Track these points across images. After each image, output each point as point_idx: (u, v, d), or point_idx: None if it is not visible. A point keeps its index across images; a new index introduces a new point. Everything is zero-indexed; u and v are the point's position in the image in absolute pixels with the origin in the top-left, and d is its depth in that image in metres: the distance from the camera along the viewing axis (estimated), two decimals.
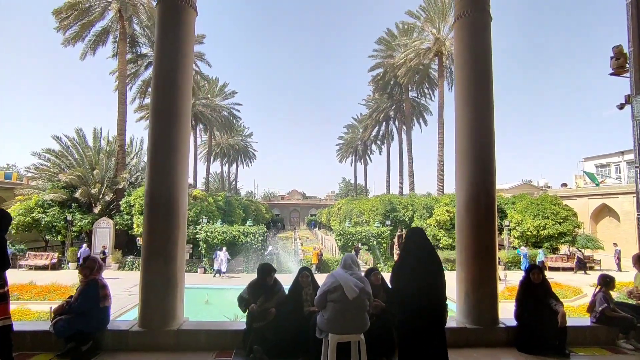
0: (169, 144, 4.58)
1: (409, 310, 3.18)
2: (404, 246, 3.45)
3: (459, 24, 5.04)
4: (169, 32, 4.69)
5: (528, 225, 23.08)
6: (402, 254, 3.48)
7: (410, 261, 3.30)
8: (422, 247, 3.30)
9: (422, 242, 3.34)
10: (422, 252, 3.29)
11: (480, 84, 4.87)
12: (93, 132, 24.41)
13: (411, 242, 3.40)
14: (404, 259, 3.42)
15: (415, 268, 3.24)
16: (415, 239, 3.39)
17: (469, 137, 4.83)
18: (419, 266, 3.23)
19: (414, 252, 3.31)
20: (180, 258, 4.67)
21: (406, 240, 3.49)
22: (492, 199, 4.74)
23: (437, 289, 3.20)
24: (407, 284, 3.25)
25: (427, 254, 3.28)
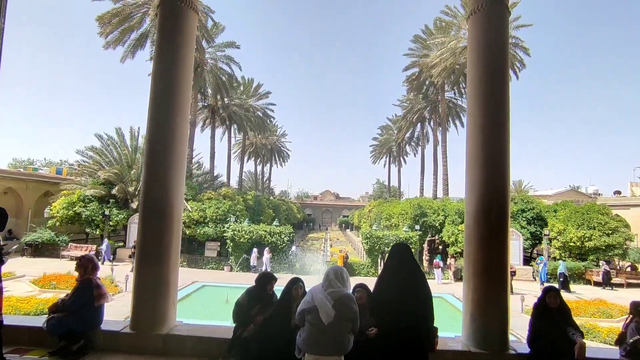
0: (166, 148, 4.55)
1: (384, 333, 2.89)
2: (385, 263, 3.16)
3: (474, 19, 4.63)
4: (168, 34, 4.67)
5: (571, 236, 21.45)
6: (382, 272, 3.19)
7: (389, 280, 3.01)
8: (403, 265, 3.00)
9: (404, 259, 3.03)
10: (402, 270, 2.98)
11: (495, 83, 4.44)
12: (130, 132, 25.58)
13: (392, 259, 3.10)
14: (382, 278, 3.12)
15: (393, 288, 2.94)
16: (397, 256, 3.08)
17: (480, 141, 4.40)
18: (397, 286, 2.93)
19: (394, 270, 3.01)
20: (174, 261, 4.62)
21: (388, 257, 3.18)
22: (504, 210, 4.28)
23: (416, 311, 2.89)
24: (384, 304, 2.96)
25: (408, 273, 2.97)
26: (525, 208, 24.92)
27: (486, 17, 4.52)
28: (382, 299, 3.18)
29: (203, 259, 22.41)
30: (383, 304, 3.13)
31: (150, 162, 4.55)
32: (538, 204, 25.69)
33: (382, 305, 3.15)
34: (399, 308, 2.98)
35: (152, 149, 4.55)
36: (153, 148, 4.55)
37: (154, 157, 4.53)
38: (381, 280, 3.18)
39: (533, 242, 24.47)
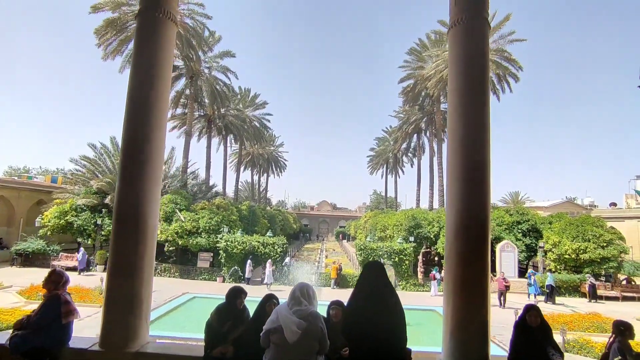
0: (141, 156, 4.46)
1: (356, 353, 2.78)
2: (358, 281, 3.05)
3: (454, 32, 4.59)
4: (146, 44, 4.61)
5: (566, 248, 21.36)
6: (354, 290, 3.08)
7: (359, 300, 2.90)
8: (374, 284, 2.90)
9: (375, 278, 2.93)
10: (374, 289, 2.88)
11: (475, 97, 4.38)
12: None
13: (364, 277, 3.00)
14: (353, 297, 3.02)
15: (363, 308, 2.83)
16: (369, 274, 2.98)
17: (460, 156, 4.33)
18: (367, 306, 2.83)
19: (365, 289, 2.91)
20: (147, 274, 4.49)
21: (360, 275, 3.09)
22: (484, 227, 4.19)
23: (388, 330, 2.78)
24: (354, 323, 2.85)
25: (378, 293, 2.87)
26: (520, 220, 24.86)
27: (466, 30, 4.49)
28: (353, 317, 3.08)
29: (195, 270, 22.17)
30: (354, 323, 3.03)
31: (125, 172, 4.46)
32: (533, 215, 25.65)
33: (353, 324, 3.05)
34: (370, 327, 2.88)
35: (127, 160, 4.47)
36: (127, 158, 4.46)
37: (128, 168, 4.45)
38: (353, 299, 3.08)
39: (528, 255, 24.35)
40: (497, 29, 27.64)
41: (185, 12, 26.80)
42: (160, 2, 4.64)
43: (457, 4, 4.59)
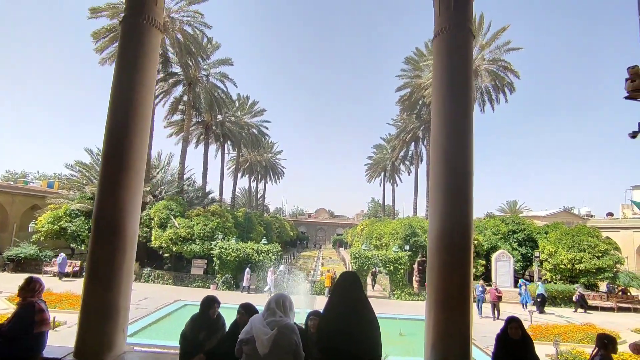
0: (122, 163, 4.43)
1: None
2: (331, 292, 3.00)
3: (438, 41, 4.61)
4: (130, 51, 4.61)
5: (562, 258, 21.28)
6: (327, 302, 3.02)
7: (333, 311, 2.85)
8: (347, 295, 2.85)
9: (349, 289, 2.88)
10: (347, 300, 2.83)
11: (458, 107, 4.38)
12: None
13: (338, 288, 2.95)
14: (327, 308, 2.96)
15: (337, 319, 2.78)
16: (343, 284, 2.93)
17: (443, 166, 4.32)
18: (341, 317, 2.77)
19: (339, 300, 2.86)
20: (125, 283, 4.43)
21: (334, 286, 3.03)
22: (467, 238, 4.15)
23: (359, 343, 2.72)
24: (326, 337, 2.79)
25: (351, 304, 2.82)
26: (516, 229, 24.82)
27: (450, 40, 4.50)
28: (326, 328, 3.02)
29: (189, 277, 22.00)
30: (327, 334, 2.96)
31: (105, 179, 4.42)
32: (529, 225, 25.61)
33: (326, 336, 2.99)
34: (343, 338, 2.82)
35: (107, 167, 4.43)
36: (108, 166, 4.43)
37: (109, 175, 4.41)
38: (326, 310, 3.02)
39: (524, 264, 24.26)
40: (495, 38, 27.89)
41: (184, 20, 26.96)
42: (144, 9, 4.65)
43: (441, 14, 4.61)
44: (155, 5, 4.74)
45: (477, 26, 27.33)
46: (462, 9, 4.52)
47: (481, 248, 22.46)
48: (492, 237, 23.43)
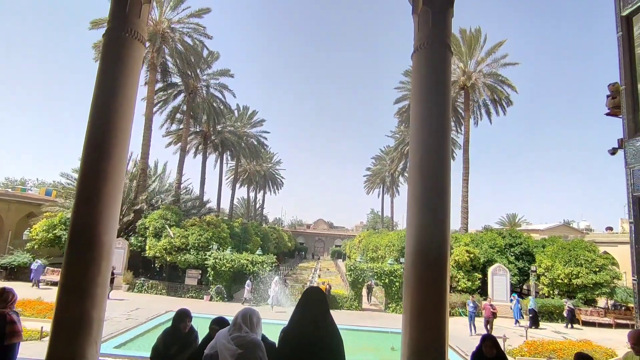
0: (100, 174, 4.42)
1: None
2: (294, 308, 2.96)
3: (417, 56, 4.65)
4: (111, 63, 4.64)
5: (559, 272, 21.08)
6: (290, 318, 2.98)
7: (293, 326, 2.82)
8: (308, 310, 2.81)
9: (310, 305, 2.85)
10: (307, 316, 2.79)
11: (436, 121, 4.39)
12: None
13: (299, 304, 2.91)
14: (288, 325, 2.92)
15: (298, 337, 2.74)
16: (305, 300, 2.90)
17: (421, 181, 4.31)
18: (300, 333, 2.74)
19: (299, 316, 2.82)
20: (100, 295, 4.38)
21: (298, 302, 2.99)
22: (443, 254, 4.12)
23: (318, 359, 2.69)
24: (287, 354, 2.75)
25: (314, 321, 2.78)
26: (513, 243, 24.67)
27: (428, 56, 4.54)
28: (287, 345, 2.98)
29: (183, 287, 21.81)
30: (288, 350, 2.93)
31: (81, 191, 4.42)
32: (526, 238, 25.46)
33: (287, 354, 2.95)
34: (301, 354, 2.78)
35: (85, 177, 4.43)
36: (85, 177, 4.43)
37: (86, 186, 4.41)
38: (288, 326, 2.98)
39: (521, 278, 24.04)
40: (491, 52, 28.17)
41: (184, 31, 27.32)
42: (127, 23, 4.71)
43: (420, 29, 4.66)
44: (138, 19, 4.80)
45: (473, 40, 27.65)
46: (441, 25, 4.58)
47: (477, 261, 22.29)
48: (488, 250, 23.28)
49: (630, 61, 4.81)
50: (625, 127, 4.79)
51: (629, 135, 4.75)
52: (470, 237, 24.50)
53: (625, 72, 4.82)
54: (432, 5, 4.59)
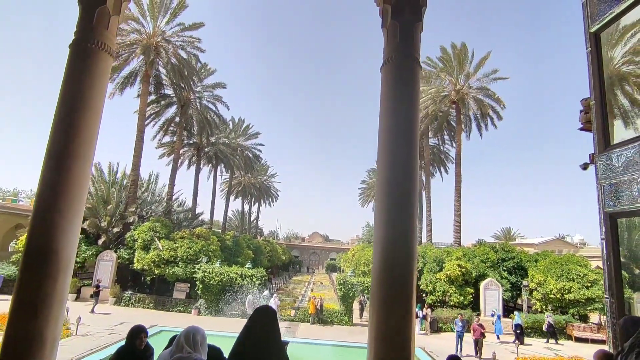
0: (60, 188, 4.32)
1: None
2: (243, 328, 2.85)
3: (385, 69, 4.63)
4: (76, 74, 4.59)
5: (551, 287, 20.89)
6: (237, 338, 2.87)
7: (239, 348, 2.70)
8: (253, 330, 2.71)
9: (255, 325, 2.74)
10: (252, 336, 2.68)
11: (402, 136, 4.34)
12: (109, 167, 25.49)
13: (248, 324, 2.80)
14: (234, 345, 2.81)
15: (239, 355, 2.63)
16: (251, 320, 2.79)
17: (387, 197, 4.23)
18: (243, 353, 2.63)
19: (243, 336, 2.71)
20: (56, 312, 4.22)
21: (247, 321, 2.88)
22: (409, 272, 4.01)
23: None
24: None
25: (255, 340, 2.67)
26: (505, 257, 24.49)
27: (396, 69, 4.52)
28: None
29: (171, 301, 21.43)
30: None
31: (39, 204, 4.30)
32: (519, 253, 25.30)
33: None
34: None
35: (44, 190, 4.32)
36: (44, 188, 4.31)
37: (44, 199, 4.29)
38: (234, 346, 2.86)
39: (514, 293, 23.79)
40: (480, 66, 28.50)
41: (177, 44, 27.52)
42: (94, 34, 4.67)
43: (389, 43, 4.66)
44: (106, 30, 4.76)
45: (462, 56, 28.01)
46: (409, 39, 4.57)
47: (469, 276, 22.09)
48: (480, 264, 23.09)
49: (599, 77, 4.81)
50: (596, 142, 4.76)
51: (599, 150, 4.71)
52: (462, 252, 24.32)
53: (595, 87, 4.81)
54: (400, 19, 4.59)
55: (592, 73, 4.86)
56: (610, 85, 4.91)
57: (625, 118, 4.71)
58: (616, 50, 4.80)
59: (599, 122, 4.73)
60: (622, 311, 4.28)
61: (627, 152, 4.22)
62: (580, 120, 5.35)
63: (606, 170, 4.53)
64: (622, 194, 4.25)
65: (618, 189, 4.31)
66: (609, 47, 4.85)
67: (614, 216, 4.41)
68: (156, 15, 26.44)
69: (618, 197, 4.31)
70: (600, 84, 4.77)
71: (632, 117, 4.68)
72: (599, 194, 4.59)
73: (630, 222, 5.37)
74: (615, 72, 4.91)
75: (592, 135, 4.86)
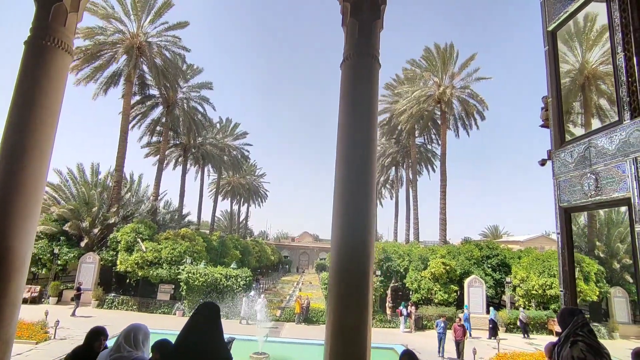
0: (15, 188, 4.24)
1: None
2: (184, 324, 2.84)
3: (345, 66, 4.64)
4: (31, 73, 4.50)
5: (533, 283, 21.21)
6: (176, 339, 2.86)
7: (179, 346, 2.69)
8: (194, 327, 2.70)
9: (197, 322, 2.74)
10: (192, 332, 2.68)
11: (360, 135, 4.35)
12: (91, 167, 25.15)
13: (189, 321, 2.79)
14: (175, 342, 2.79)
15: (180, 354, 2.62)
16: (193, 316, 2.79)
17: (344, 197, 4.22)
18: (183, 351, 2.62)
19: (184, 333, 2.70)
20: (8, 315, 4.14)
21: (189, 318, 2.87)
22: (365, 270, 4.02)
23: None
24: None
25: (195, 337, 2.66)
26: (490, 254, 24.78)
27: (355, 66, 4.54)
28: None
29: (155, 303, 21.22)
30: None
31: None
32: (503, 250, 25.63)
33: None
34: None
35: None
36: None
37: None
38: (175, 343, 2.85)
39: (498, 290, 24.09)
40: (464, 67, 28.81)
41: (161, 44, 27.26)
42: (50, 31, 4.60)
43: (348, 40, 4.67)
44: (64, 27, 4.69)
45: (446, 56, 28.28)
46: (367, 36, 4.59)
47: (454, 273, 22.30)
48: (465, 262, 23.33)
49: (556, 75, 4.90)
50: (552, 139, 4.84)
51: (555, 146, 4.79)
52: (447, 249, 24.55)
53: (552, 85, 4.90)
54: (359, 17, 4.61)
55: (550, 71, 4.95)
56: (567, 84, 5.01)
57: (580, 115, 4.81)
58: (571, 48, 4.91)
59: (555, 119, 4.81)
60: (575, 303, 4.37)
61: (579, 148, 4.31)
62: (541, 117, 5.44)
63: (561, 166, 4.62)
64: (574, 189, 4.33)
65: (571, 184, 4.39)
66: (565, 45, 4.95)
67: (568, 211, 4.50)
68: (140, 15, 26.15)
69: (571, 192, 4.39)
70: (557, 82, 4.86)
71: (586, 114, 4.79)
72: (555, 190, 4.67)
73: (609, 218, 5.48)
74: (571, 70, 5.02)
75: (550, 132, 4.94)
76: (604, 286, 15.61)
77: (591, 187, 4.02)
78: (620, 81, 3.90)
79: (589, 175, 4.08)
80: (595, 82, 4.80)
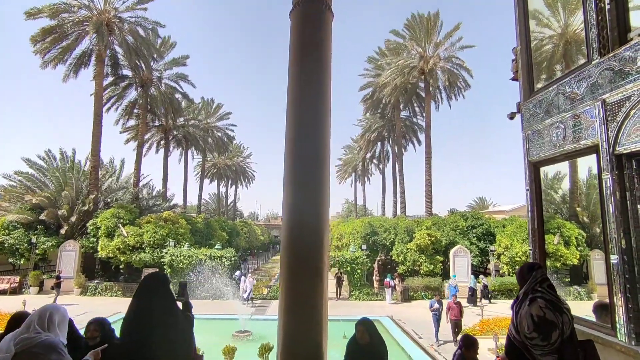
0: None
1: None
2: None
3: (295, 13, 4.17)
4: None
5: (517, 251, 21.48)
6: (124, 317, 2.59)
7: (125, 320, 2.45)
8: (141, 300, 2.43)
9: (143, 293, 2.45)
10: (139, 306, 2.41)
11: (313, 88, 3.95)
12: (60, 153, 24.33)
13: (135, 295, 2.50)
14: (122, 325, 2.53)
15: (127, 333, 2.37)
16: (139, 288, 2.51)
17: (295, 158, 3.85)
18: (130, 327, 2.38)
19: (132, 307, 2.44)
20: None
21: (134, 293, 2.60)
22: (320, 239, 3.69)
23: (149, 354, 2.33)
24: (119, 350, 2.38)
25: (143, 311, 2.40)
26: (475, 224, 24.97)
27: (306, 13, 4.08)
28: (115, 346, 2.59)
29: None
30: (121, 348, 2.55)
31: None
32: (487, 219, 25.85)
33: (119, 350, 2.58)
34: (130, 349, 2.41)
35: None
36: None
37: None
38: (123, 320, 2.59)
39: (483, 259, 24.41)
40: (449, 36, 28.18)
41: (132, 20, 25.94)
42: None
43: None
44: None
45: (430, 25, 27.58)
46: None
47: (439, 244, 22.44)
48: (450, 233, 23.47)
49: (525, 20, 4.53)
50: (521, 90, 4.51)
51: (524, 97, 4.48)
52: (433, 221, 24.64)
53: (520, 31, 4.54)
54: None
55: (517, 17, 4.57)
56: (537, 32, 4.65)
57: (548, 65, 4.48)
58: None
59: (524, 69, 4.47)
60: (544, 262, 4.15)
61: (548, 96, 3.98)
62: (512, 69, 5.08)
63: (530, 118, 4.32)
64: (543, 140, 4.04)
65: (540, 136, 4.10)
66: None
67: (538, 165, 4.22)
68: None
69: (540, 145, 4.10)
70: (526, 30, 4.49)
71: (557, 63, 4.46)
72: (524, 144, 4.39)
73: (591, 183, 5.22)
74: (540, 18, 4.64)
75: (519, 84, 4.60)
76: (584, 250, 15.80)
77: (559, 136, 3.73)
78: (590, 24, 3.54)
79: (558, 124, 3.78)
80: (567, 28, 4.45)
